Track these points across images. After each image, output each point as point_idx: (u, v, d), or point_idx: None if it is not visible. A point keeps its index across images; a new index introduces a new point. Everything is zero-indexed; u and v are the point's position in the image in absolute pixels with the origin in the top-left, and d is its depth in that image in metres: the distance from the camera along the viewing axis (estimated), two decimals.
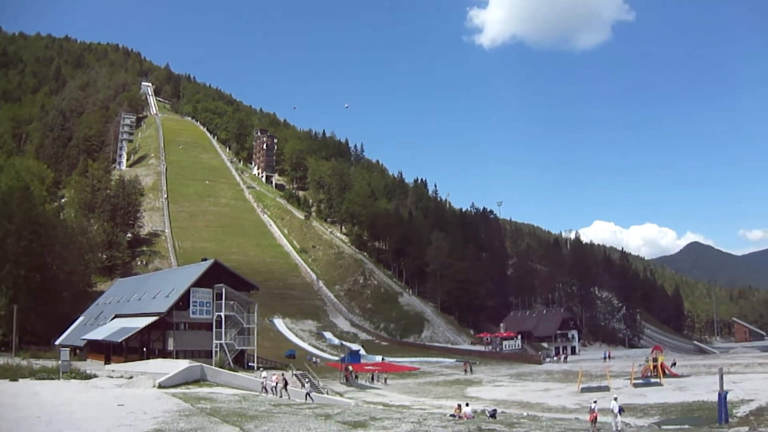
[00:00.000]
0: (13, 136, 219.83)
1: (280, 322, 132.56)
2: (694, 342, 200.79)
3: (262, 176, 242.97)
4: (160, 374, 49.55)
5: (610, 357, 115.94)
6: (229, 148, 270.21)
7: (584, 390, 61.43)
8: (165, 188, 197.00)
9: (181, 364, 54.10)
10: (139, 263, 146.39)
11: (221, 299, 69.03)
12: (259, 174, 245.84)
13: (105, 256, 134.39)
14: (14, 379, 48.16)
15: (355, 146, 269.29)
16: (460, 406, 39.47)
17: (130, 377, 52.06)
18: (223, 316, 68.76)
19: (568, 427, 33.64)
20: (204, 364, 55.89)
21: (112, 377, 54.24)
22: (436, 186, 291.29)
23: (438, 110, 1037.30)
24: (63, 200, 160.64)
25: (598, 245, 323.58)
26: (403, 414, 38.83)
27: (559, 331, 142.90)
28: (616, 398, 34.55)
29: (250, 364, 72.47)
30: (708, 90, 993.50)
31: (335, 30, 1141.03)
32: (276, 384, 51.24)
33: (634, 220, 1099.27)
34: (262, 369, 66.64)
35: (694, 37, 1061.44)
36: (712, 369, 67.32)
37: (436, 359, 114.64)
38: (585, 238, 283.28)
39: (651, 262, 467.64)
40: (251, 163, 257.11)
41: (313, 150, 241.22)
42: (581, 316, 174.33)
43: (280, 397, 49.49)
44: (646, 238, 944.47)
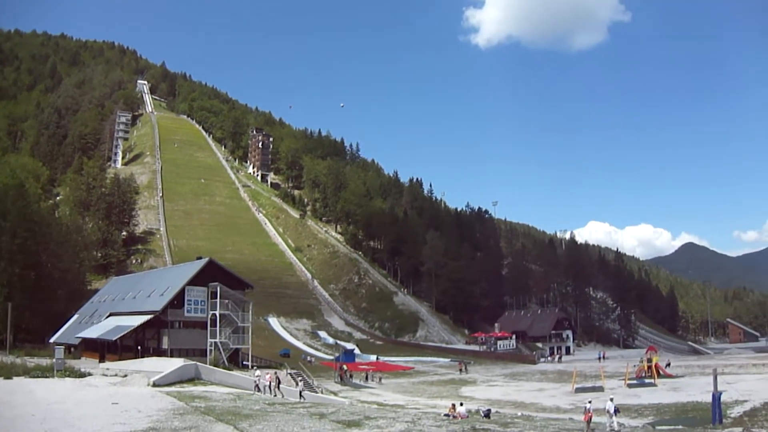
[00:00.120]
0: (9, 134, 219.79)
1: (274, 321, 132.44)
2: (689, 343, 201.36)
3: (258, 175, 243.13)
4: (155, 373, 49.39)
5: (604, 357, 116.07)
6: (225, 147, 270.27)
7: (578, 390, 61.53)
8: (160, 186, 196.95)
9: (175, 363, 53.93)
10: (134, 261, 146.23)
11: (216, 298, 68.92)
12: (254, 173, 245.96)
13: (100, 254, 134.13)
14: (8, 377, 47.96)
15: (351, 145, 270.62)
16: (454, 405, 39.55)
17: (125, 375, 51.92)
18: (218, 315, 68.67)
19: (562, 427, 33.67)
20: (198, 363, 55.71)
21: (106, 375, 54.09)
22: (431, 185, 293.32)
23: (434, 110, 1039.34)
24: (58, 198, 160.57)
25: (593, 246, 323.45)
26: (398, 413, 38.82)
27: (553, 331, 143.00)
28: (612, 399, 34.58)
29: (245, 363, 72.36)
30: (704, 91, 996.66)
31: (331, 29, 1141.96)
32: (269, 383, 51.20)
33: (629, 220, 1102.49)
34: (255, 368, 66.62)
35: (690, 38, 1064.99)
36: (707, 370, 67.58)
37: (431, 359, 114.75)
38: (580, 239, 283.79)
39: (646, 262, 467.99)
40: (246, 162, 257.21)
41: (308, 149, 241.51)
42: (576, 317, 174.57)
43: (275, 396, 49.46)
44: (641, 239, 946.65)
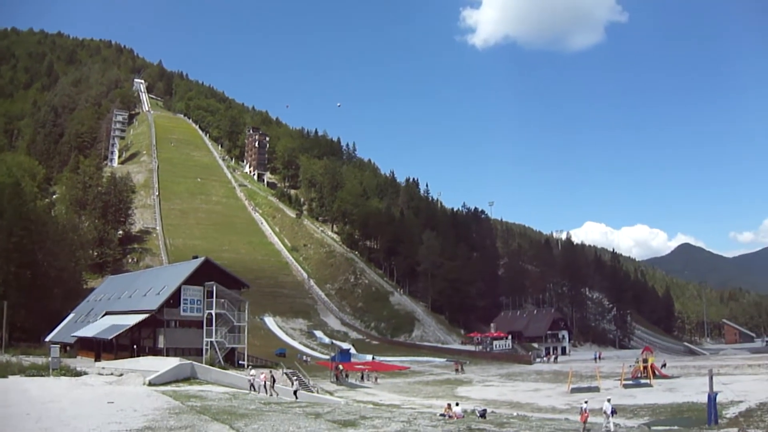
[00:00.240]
0: (5, 132, 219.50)
1: (270, 321, 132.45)
2: (685, 343, 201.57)
3: (254, 174, 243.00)
4: (151, 372, 49.40)
5: (600, 358, 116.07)
6: (221, 146, 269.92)
7: (574, 390, 61.60)
8: (156, 185, 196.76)
9: (171, 362, 53.95)
10: (130, 260, 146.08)
11: (212, 297, 69.00)
12: (250, 172, 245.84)
13: (96, 253, 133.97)
14: (4, 376, 47.95)
15: (347, 145, 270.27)
16: (449, 405, 39.55)
17: (120, 375, 51.91)
18: (214, 314, 68.73)
19: (558, 428, 33.72)
20: (194, 362, 55.75)
21: (102, 374, 54.07)
22: (427, 185, 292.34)
23: (430, 110, 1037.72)
24: (54, 197, 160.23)
25: (589, 246, 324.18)
26: (393, 413, 38.85)
27: (549, 332, 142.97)
28: (610, 399, 34.62)
29: (241, 363, 72.47)
30: (701, 91, 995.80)
31: (328, 29, 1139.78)
32: (264, 382, 51.24)
33: (625, 221, 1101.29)
34: (250, 367, 66.65)
35: (687, 39, 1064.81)
36: (702, 370, 67.57)
37: (427, 359, 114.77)
38: (576, 239, 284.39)
39: (642, 263, 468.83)
40: (243, 161, 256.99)
41: (305, 148, 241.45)
42: (572, 317, 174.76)
43: (270, 395, 49.48)
44: (637, 240, 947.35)
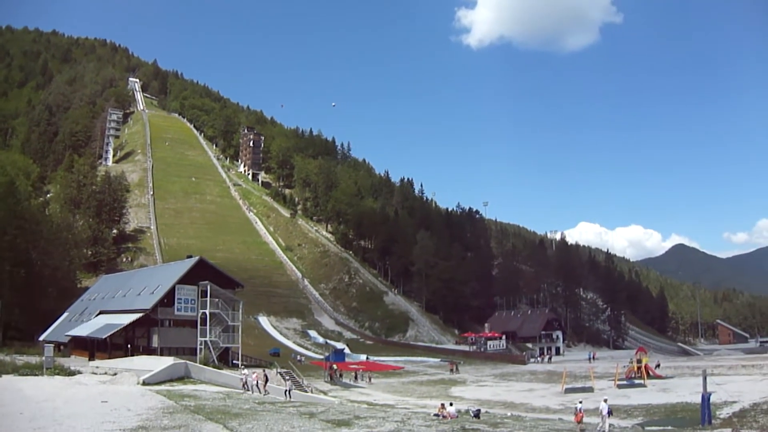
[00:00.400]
0: None
1: (265, 320, 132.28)
2: (678, 344, 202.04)
3: (249, 174, 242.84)
4: (145, 371, 49.40)
5: (594, 358, 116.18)
6: (216, 146, 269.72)
7: (568, 391, 61.71)
8: (151, 185, 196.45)
9: (165, 361, 53.96)
10: (125, 260, 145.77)
11: (206, 296, 68.86)
12: (245, 171, 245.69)
13: (90, 252, 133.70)
14: None
15: (342, 145, 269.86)
16: (443, 405, 39.61)
17: (114, 374, 51.88)
18: (208, 314, 68.61)
19: (552, 428, 33.82)
20: (188, 362, 55.77)
21: (96, 374, 54.03)
22: (422, 185, 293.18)
23: (425, 110, 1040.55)
24: (48, 195, 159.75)
25: (584, 246, 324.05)
26: (387, 413, 38.90)
27: (543, 332, 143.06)
28: (606, 399, 34.69)
29: (235, 362, 72.36)
30: (696, 92, 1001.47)
31: (323, 29, 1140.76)
32: (256, 381, 51.27)
33: (620, 221, 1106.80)
34: (243, 366, 66.65)
35: (681, 40, 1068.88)
36: (696, 371, 67.81)
37: (421, 359, 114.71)
38: (570, 239, 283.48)
39: (636, 263, 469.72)
40: (238, 161, 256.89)
41: (299, 148, 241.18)
42: (566, 317, 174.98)
43: (264, 395, 49.50)
44: (632, 240, 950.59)
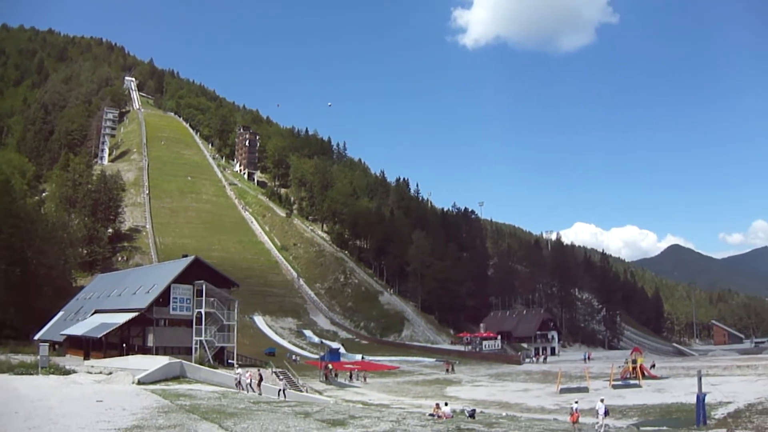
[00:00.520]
0: None
1: (260, 320, 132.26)
2: (674, 344, 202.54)
3: (244, 173, 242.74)
4: (140, 370, 49.31)
5: (589, 358, 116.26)
6: (212, 145, 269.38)
7: (563, 391, 61.78)
8: (147, 184, 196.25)
9: (160, 361, 53.88)
10: (120, 259, 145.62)
11: (201, 296, 68.83)
12: (241, 171, 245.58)
13: (85, 251, 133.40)
14: None
15: (338, 144, 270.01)
16: (438, 405, 39.64)
17: (110, 373, 51.80)
18: (203, 313, 68.58)
19: (547, 428, 33.85)
20: (184, 361, 55.70)
21: (91, 373, 53.93)
22: (417, 185, 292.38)
23: (421, 110, 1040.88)
24: (44, 194, 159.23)
25: (579, 247, 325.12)
26: (382, 413, 38.92)
27: (538, 332, 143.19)
28: (603, 399, 34.73)
29: (230, 362, 72.35)
30: (691, 93, 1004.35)
31: (319, 29, 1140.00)
32: (250, 380, 51.26)
33: (615, 222, 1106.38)
34: (237, 366, 66.61)
35: (677, 41, 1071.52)
36: (691, 371, 67.83)
37: (416, 358, 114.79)
38: (566, 240, 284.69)
39: (631, 264, 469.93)
40: (233, 160, 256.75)
41: (295, 148, 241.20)
42: (561, 317, 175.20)
43: (259, 394, 49.50)
44: (627, 240, 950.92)
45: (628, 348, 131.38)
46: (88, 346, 71.06)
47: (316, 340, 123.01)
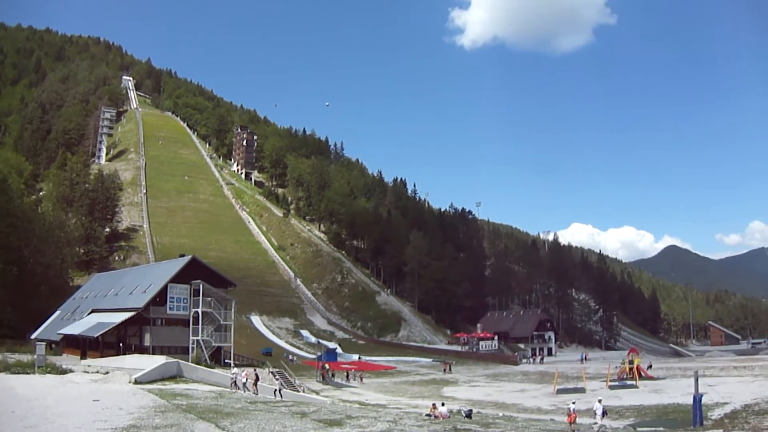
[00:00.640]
0: None
1: (257, 320, 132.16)
2: (671, 345, 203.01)
3: (242, 173, 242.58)
4: (137, 370, 49.28)
5: (586, 359, 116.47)
6: (209, 144, 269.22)
7: (560, 391, 61.90)
8: (144, 183, 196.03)
9: (157, 360, 53.85)
10: (117, 258, 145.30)
11: (198, 295, 68.64)
12: (238, 171, 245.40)
13: (82, 251, 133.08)
14: None
15: (335, 144, 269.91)
16: (435, 405, 39.66)
17: (106, 372, 51.76)
18: (200, 313, 68.43)
19: (544, 428, 33.89)
20: (180, 361, 55.65)
21: (87, 372, 53.91)
22: (415, 185, 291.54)
23: (418, 110, 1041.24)
24: (41, 193, 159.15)
25: (576, 247, 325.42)
26: (379, 413, 38.94)
27: (535, 333, 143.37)
28: (601, 400, 34.78)
29: (227, 361, 72.19)
30: (689, 94, 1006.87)
31: (317, 29, 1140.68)
32: (245, 380, 51.24)
33: (612, 222, 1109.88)
34: (233, 365, 66.53)
35: (675, 42, 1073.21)
36: (688, 372, 68.00)
37: (413, 359, 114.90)
38: (563, 240, 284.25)
39: (628, 264, 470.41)
40: (231, 160, 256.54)
41: (293, 147, 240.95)
42: (558, 318, 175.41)
43: (255, 394, 49.49)
44: (624, 241, 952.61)
45: (625, 349, 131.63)
46: (85, 346, 70.94)
47: (313, 340, 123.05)
